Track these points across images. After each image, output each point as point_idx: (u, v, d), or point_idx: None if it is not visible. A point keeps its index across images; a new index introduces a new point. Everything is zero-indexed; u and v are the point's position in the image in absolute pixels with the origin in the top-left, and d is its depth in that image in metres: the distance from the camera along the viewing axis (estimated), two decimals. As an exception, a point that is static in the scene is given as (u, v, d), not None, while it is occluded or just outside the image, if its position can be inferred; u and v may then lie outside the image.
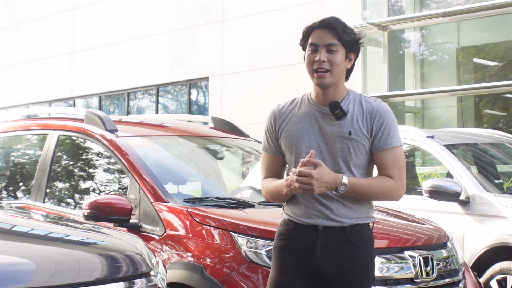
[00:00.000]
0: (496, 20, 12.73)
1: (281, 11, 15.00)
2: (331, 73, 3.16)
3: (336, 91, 3.21)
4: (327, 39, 3.16)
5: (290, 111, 3.27)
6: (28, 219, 3.69)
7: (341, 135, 3.16)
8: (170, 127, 5.70)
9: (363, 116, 3.18)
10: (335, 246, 3.16)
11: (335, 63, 3.16)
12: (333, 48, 3.16)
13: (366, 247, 3.21)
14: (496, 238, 5.87)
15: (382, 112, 3.19)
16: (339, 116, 3.17)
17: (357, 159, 3.17)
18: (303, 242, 3.19)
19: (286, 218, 3.27)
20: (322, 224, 3.17)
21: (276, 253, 3.26)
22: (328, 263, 3.15)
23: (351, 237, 3.17)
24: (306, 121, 3.22)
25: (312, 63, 3.18)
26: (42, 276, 2.69)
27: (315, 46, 3.18)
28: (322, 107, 3.21)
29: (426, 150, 6.85)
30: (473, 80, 13.14)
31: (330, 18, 3.21)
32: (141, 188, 4.56)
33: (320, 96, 3.23)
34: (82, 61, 19.22)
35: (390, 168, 3.17)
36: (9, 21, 21.43)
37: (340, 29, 3.16)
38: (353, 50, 3.22)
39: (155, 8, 17.51)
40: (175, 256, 4.23)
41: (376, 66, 13.57)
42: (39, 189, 5.21)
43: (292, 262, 3.20)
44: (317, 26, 3.19)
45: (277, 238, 3.29)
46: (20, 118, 6.01)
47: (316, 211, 3.17)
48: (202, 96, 17.10)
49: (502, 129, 12.31)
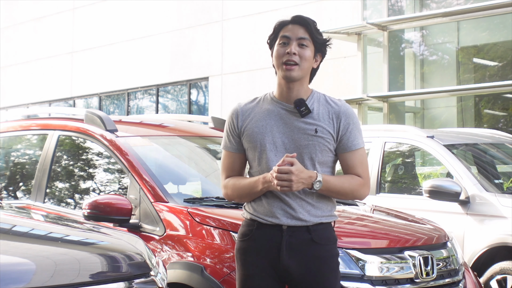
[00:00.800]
0: (496, 20, 12.73)
1: (281, 11, 14.99)
2: (299, 67, 3.19)
3: (300, 89, 3.23)
4: (300, 33, 3.20)
5: (252, 108, 3.28)
6: (28, 219, 3.69)
7: (307, 133, 3.18)
8: (170, 127, 5.70)
9: (329, 116, 3.22)
10: (300, 246, 3.18)
11: (305, 58, 3.19)
12: (304, 43, 3.19)
13: (330, 245, 3.24)
14: (496, 238, 5.87)
15: (348, 113, 3.24)
16: (304, 114, 3.19)
17: (322, 156, 3.20)
18: (268, 242, 3.20)
19: (248, 217, 3.27)
20: (286, 224, 3.18)
21: (241, 255, 3.26)
22: (294, 263, 3.18)
23: (315, 236, 3.20)
24: (270, 118, 3.22)
25: (282, 55, 3.19)
26: (42, 276, 2.69)
27: (287, 39, 3.20)
28: (286, 105, 3.23)
29: (426, 150, 6.85)
30: (473, 80, 13.14)
31: (303, 15, 3.26)
32: (141, 188, 4.57)
33: (284, 94, 3.24)
34: (82, 61, 19.22)
35: (358, 167, 3.22)
36: (9, 21, 21.43)
37: (313, 27, 3.22)
38: (321, 51, 3.27)
39: (155, 8, 17.51)
40: (175, 256, 4.23)
41: (376, 66, 13.57)
42: (39, 189, 5.21)
43: (258, 263, 3.20)
44: (290, 21, 3.24)
45: (240, 239, 3.29)
46: (20, 118, 6.01)
47: (280, 210, 3.19)
48: (202, 96, 17.10)
49: (502, 129, 12.31)
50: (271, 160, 3.19)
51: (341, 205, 5.00)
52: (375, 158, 6.97)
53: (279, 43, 3.22)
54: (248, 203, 3.28)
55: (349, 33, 13.41)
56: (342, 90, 13.94)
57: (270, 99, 3.27)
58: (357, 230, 4.50)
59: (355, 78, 13.56)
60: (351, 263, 4.01)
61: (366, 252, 4.08)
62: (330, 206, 3.26)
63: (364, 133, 7.63)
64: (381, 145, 7.02)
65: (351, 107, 3.29)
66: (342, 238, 4.15)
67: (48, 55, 20.07)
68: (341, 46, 13.94)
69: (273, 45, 3.26)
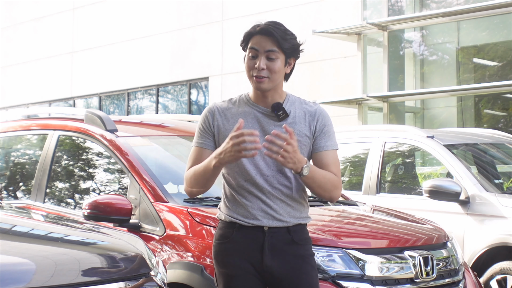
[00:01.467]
0: (496, 20, 12.73)
1: (281, 11, 15.00)
2: (269, 79, 3.17)
3: (275, 94, 3.23)
4: (267, 46, 3.16)
5: (228, 109, 3.27)
6: (28, 219, 3.69)
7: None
8: (170, 127, 5.70)
9: (305, 118, 3.22)
10: (281, 247, 3.20)
11: (274, 71, 3.17)
12: (272, 56, 3.16)
13: (308, 245, 3.28)
14: (496, 238, 5.87)
15: (323, 115, 3.25)
16: (282, 118, 3.20)
17: None
18: (249, 244, 3.20)
19: (227, 220, 3.25)
20: (268, 225, 3.19)
21: (223, 257, 3.25)
22: (277, 263, 3.19)
23: (295, 237, 3.23)
24: (247, 120, 3.22)
25: (251, 68, 3.19)
26: (42, 276, 2.69)
27: (255, 51, 3.18)
28: (263, 108, 3.23)
29: (426, 150, 6.85)
30: (473, 80, 13.14)
31: (271, 24, 3.20)
32: (141, 188, 4.57)
33: (260, 98, 3.24)
34: (82, 61, 19.22)
35: (332, 166, 3.21)
36: (9, 21, 21.43)
37: (280, 36, 3.16)
38: (293, 55, 3.23)
39: (155, 8, 17.51)
40: (175, 256, 4.24)
41: (376, 66, 13.57)
42: (39, 189, 5.21)
43: (241, 265, 3.21)
44: (257, 32, 3.19)
45: (220, 241, 3.27)
46: (20, 118, 6.00)
47: (260, 212, 3.19)
48: (202, 96, 17.10)
49: (502, 129, 12.31)
50: (248, 163, 3.18)
51: (341, 205, 5.00)
52: (375, 158, 6.97)
53: (249, 55, 3.20)
54: (225, 205, 3.27)
55: (349, 33, 13.41)
56: (342, 90, 13.95)
57: (246, 101, 3.26)
58: (357, 230, 4.50)
59: (355, 78, 13.56)
60: (351, 263, 4.01)
61: (366, 252, 4.08)
62: (306, 208, 3.30)
63: (364, 133, 7.71)
64: (381, 145, 7.02)
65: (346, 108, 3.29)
66: (342, 238, 4.16)
67: (48, 55, 20.07)
68: (341, 46, 13.94)
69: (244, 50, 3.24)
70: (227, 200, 3.27)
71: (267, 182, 3.19)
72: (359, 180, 7.14)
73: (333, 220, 4.58)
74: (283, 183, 3.21)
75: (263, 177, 3.19)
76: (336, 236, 4.15)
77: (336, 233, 4.21)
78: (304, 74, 14.59)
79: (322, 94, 13.98)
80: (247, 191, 3.21)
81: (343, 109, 13.72)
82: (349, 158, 7.50)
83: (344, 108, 13.67)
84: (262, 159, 3.19)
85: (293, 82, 15.81)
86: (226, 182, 3.28)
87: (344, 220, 4.67)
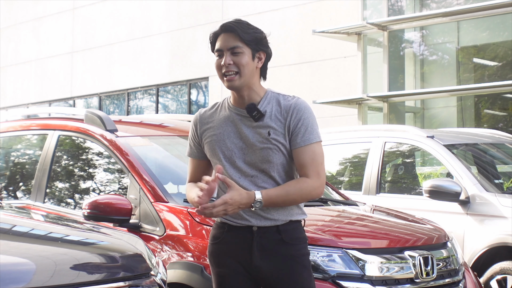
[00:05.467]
0: (496, 20, 12.72)
1: (281, 11, 15.00)
2: (239, 75, 3.17)
3: (251, 92, 3.22)
4: (230, 43, 3.17)
5: (211, 115, 3.28)
6: (28, 219, 3.69)
7: (262, 136, 3.17)
8: (170, 127, 5.70)
9: (280, 114, 3.19)
10: (271, 247, 3.19)
11: (242, 64, 3.16)
12: (236, 50, 3.16)
13: (300, 245, 3.23)
14: (496, 238, 5.87)
15: (299, 108, 3.18)
16: (257, 118, 3.18)
17: (279, 158, 3.18)
18: (239, 244, 3.20)
19: (218, 221, 3.28)
20: (256, 225, 3.19)
21: (214, 258, 3.27)
22: (266, 263, 3.18)
23: (285, 236, 3.19)
24: (227, 125, 3.22)
25: (220, 68, 3.19)
26: (42, 276, 2.69)
27: (220, 51, 3.19)
28: (240, 110, 3.23)
29: (426, 150, 6.85)
30: (473, 80, 13.14)
31: (232, 21, 3.22)
32: (141, 188, 4.57)
33: (237, 99, 3.24)
34: (82, 61, 19.22)
35: (308, 166, 3.16)
36: (9, 21, 21.43)
37: (240, 30, 3.17)
38: (260, 49, 3.21)
39: (155, 8, 17.51)
40: (175, 256, 4.24)
41: (376, 66, 13.56)
42: (39, 189, 5.21)
43: (231, 265, 3.21)
44: (220, 31, 3.22)
45: (212, 242, 3.30)
46: (20, 118, 6.00)
47: (248, 212, 3.18)
48: (202, 96, 17.10)
49: (502, 129, 12.31)
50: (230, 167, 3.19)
51: (341, 205, 5.00)
52: (375, 158, 6.97)
53: (216, 56, 3.22)
54: None
55: (349, 33, 13.41)
56: (342, 90, 13.94)
57: (227, 105, 3.28)
58: (357, 230, 4.50)
59: (355, 78, 13.56)
60: (351, 263, 4.01)
61: (366, 252, 4.08)
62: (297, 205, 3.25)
63: (364, 133, 7.70)
64: (381, 145, 7.02)
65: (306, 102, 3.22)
66: (342, 238, 4.16)
67: (48, 55, 20.07)
68: (341, 46, 13.94)
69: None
70: None
71: (252, 182, 3.18)
72: (359, 180, 7.14)
73: (333, 220, 4.58)
74: (267, 182, 3.19)
75: (247, 178, 3.19)
76: (336, 236, 4.15)
77: (336, 233, 4.21)
78: (304, 74, 14.60)
79: (322, 94, 13.98)
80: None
81: (343, 109, 13.72)
82: (349, 158, 7.50)
83: (344, 108, 13.66)
84: (243, 162, 3.19)
85: (293, 82, 15.84)
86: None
87: (344, 220, 4.67)
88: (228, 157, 3.20)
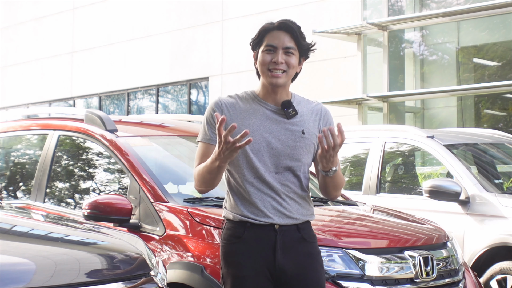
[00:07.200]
0: (496, 20, 12.73)
1: (281, 11, 15.00)
2: (286, 73, 3.19)
3: (283, 92, 3.25)
4: (286, 42, 3.18)
5: (235, 104, 3.25)
6: (28, 219, 3.69)
7: (294, 134, 3.20)
8: (170, 127, 5.70)
9: (312, 116, 3.26)
10: (292, 245, 3.21)
11: (292, 65, 3.19)
12: (290, 51, 3.18)
13: (315, 242, 3.31)
14: (496, 238, 5.87)
15: (327, 113, 3.31)
16: (291, 115, 3.21)
17: (307, 158, 3.23)
18: (262, 243, 3.19)
19: (236, 219, 3.23)
20: (279, 223, 3.19)
21: (232, 258, 3.22)
22: (289, 261, 3.19)
23: (304, 234, 3.25)
24: (256, 117, 3.21)
25: (268, 63, 3.18)
26: (42, 276, 2.69)
27: (273, 47, 3.18)
28: (271, 106, 3.24)
29: (426, 150, 6.85)
30: (473, 80, 13.14)
31: (288, 21, 3.22)
32: (141, 188, 4.56)
33: (269, 96, 3.24)
34: (82, 61, 19.22)
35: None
36: (9, 21, 21.43)
37: (298, 34, 3.19)
38: (305, 55, 3.25)
39: (155, 8, 17.51)
40: (175, 256, 4.24)
41: (376, 66, 13.57)
42: (39, 189, 5.21)
43: (252, 265, 3.19)
44: (275, 28, 3.20)
45: (229, 242, 3.24)
46: (20, 118, 6.00)
47: (272, 209, 3.19)
48: (202, 96, 17.10)
49: (502, 129, 12.31)
50: (257, 160, 3.18)
51: (341, 205, 5.00)
52: (375, 158, 6.97)
53: (264, 50, 3.19)
54: (236, 204, 3.23)
55: (349, 33, 13.42)
56: (342, 90, 13.94)
57: (254, 98, 3.26)
58: (357, 230, 4.50)
59: (355, 78, 13.56)
60: (351, 263, 4.01)
61: (366, 252, 4.08)
62: (311, 205, 3.32)
63: (364, 133, 7.70)
64: (381, 145, 7.02)
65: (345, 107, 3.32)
66: (342, 238, 4.16)
67: (48, 55, 20.07)
68: (341, 46, 13.94)
69: (256, 48, 3.24)
70: (235, 199, 3.23)
71: (276, 179, 3.19)
72: (359, 180, 7.14)
73: (333, 220, 4.58)
74: (291, 180, 3.21)
75: (271, 174, 3.19)
76: (336, 236, 4.16)
77: (336, 233, 4.21)
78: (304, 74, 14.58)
79: (322, 94, 13.97)
80: (256, 188, 3.19)
81: (343, 109, 13.72)
82: (349, 158, 7.50)
83: (344, 108, 13.67)
84: (270, 157, 3.19)
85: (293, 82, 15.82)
86: (234, 180, 3.24)
87: (344, 220, 4.67)
88: (256, 150, 3.18)
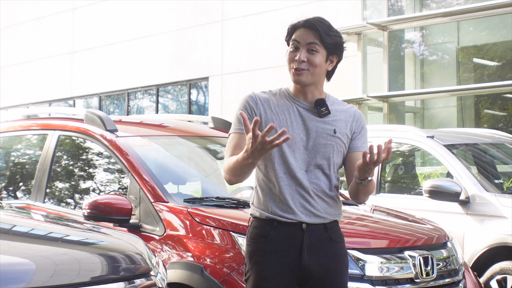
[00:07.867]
0: (496, 20, 12.73)
1: (281, 11, 15.00)
2: (309, 72, 3.19)
3: (315, 91, 3.25)
4: (309, 38, 3.19)
5: (269, 99, 3.25)
6: (28, 219, 3.69)
7: (326, 132, 3.20)
8: (170, 127, 5.70)
9: (345, 118, 3.26)
10: (319, 245, 3.19)
11: (314, 64, 3.19)
12: (313, 48, 3.18)
13: (342, 243, 3.29)
14: (496, 238, 5.87)
15: (361, 116, 3.32)
16: (324, 114, 3.22)
17: (337, 157, 3.23)
18: (288, 243, 3.17)
19: (263, 217, 3.21)
20: (306, 221, 3.17)
21: (257, 257, 3.20)
22: (315, 262, 3.17)
23: (332, 234, 3.23)
24: (289, 113, 3.22)
25: (292, 61, 3.21)
26: (42, 276, 2.68)
27: (297, 43, 3.21)
28: (304, 103, 3.24)
29: (426, 150, 6.85)
30: (473, 80, 13.14)
31: (316, 18, 3.23)
32: (141, 188, 4.56)
33: (300, 93, 3.25)
34: (82, 61, 19.22)
35: None
36: (9, 21, 21.43)
37: (323, 31, 3.19)
38: (335, 52, 3.25)
39: (155, 8, 17.51)
40: (175, 256, 4.24)
41: (376, 66, 13.57)
42: (39, 189, 5.21)
43: (277, 265, 3.17)
44: (301, 25, 3.23)
45: (256, 241, 3.21)
46: (20, 118, 6.01)
47: (300, 207, 3.18)
48: (202, 96, 17.10)
49: (502, 129, 12.31)
50: (289, 155, 3.17)
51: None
52: (375, 158, 6.96)
53: (291, 47, 3.23)
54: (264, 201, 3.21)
55: (349, 33, 13.41)
56: (342, 90, 13.94)
57: (287, 95, 3.26)
58: (357, 230, 4.50)
59: (355, 78, 13.56)
60: (351, 263, 4.01)
61: (366, 252, 4.09)
62: (339, 205, 3.29)
63: (364, 133, 7.66)
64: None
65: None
66: (342, 238, 4.16)
67: (48, 55, 20.07)
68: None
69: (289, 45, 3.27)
70: (264, 194, 3.22)
71: (306, 176, 3.18)
72: (359, 180, 7.12)
73: (333, 220, 4.57)
74: (320, 179, 3.20)
75: (302, 170, 3.18)
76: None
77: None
78: (304, 74, 14.58)
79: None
80: (286, 184, 3.18)
81: (343, 109, 13.69)
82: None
83: (344, 108, 13.64)
84: (301, 153, 3.19)
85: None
86: (263, 175, 3.23)
87: (344, 220, 4.66)
88: (289, 145, 3.17)
